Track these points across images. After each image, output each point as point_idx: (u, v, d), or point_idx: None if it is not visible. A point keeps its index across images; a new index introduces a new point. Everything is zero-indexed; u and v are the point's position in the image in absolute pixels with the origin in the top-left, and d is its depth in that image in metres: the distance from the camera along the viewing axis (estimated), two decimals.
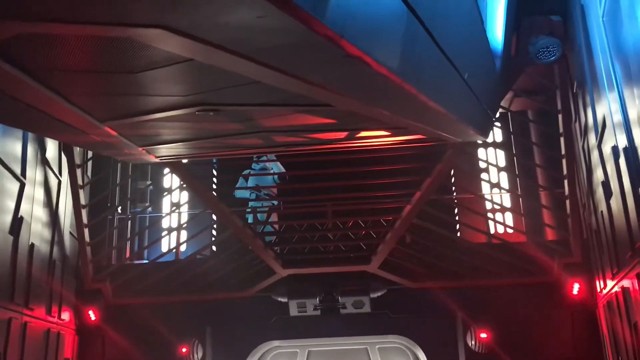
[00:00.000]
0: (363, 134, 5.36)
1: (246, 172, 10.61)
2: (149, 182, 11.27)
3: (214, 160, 11.28)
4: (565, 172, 8.54)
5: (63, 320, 8.65)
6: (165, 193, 11.48)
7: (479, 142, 9.58)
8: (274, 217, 10.62)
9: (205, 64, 3.04)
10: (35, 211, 7.50)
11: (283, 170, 10.56)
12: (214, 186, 11.16)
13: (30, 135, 7.31)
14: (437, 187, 8.51)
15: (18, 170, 6.90)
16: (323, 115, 4.41)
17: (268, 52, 2.76)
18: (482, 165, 11.38)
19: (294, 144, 5.65)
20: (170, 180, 11.79)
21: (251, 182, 10.61)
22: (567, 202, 8.59)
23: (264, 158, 10.53)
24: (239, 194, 10.62)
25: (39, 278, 7.52)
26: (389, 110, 3.77)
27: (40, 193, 7.76)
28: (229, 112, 4.06)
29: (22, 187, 6.99)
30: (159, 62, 3.18)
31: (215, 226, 10.74)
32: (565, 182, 8.56)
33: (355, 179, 8.94)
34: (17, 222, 6.82)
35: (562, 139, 8.60)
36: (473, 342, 9.06)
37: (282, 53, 2.77)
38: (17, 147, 6.98)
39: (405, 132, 5.28)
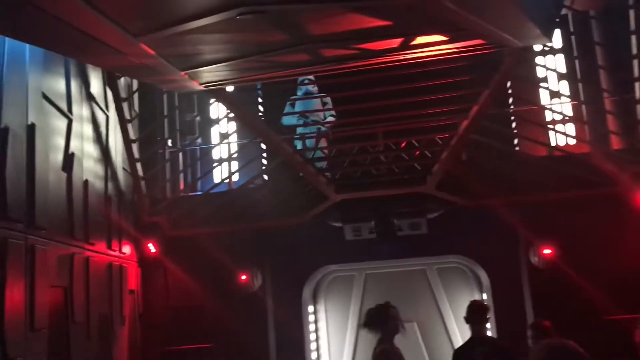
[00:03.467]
0: (418, 40, 4.93)
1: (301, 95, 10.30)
2: (195, 114, 11.13)
3: (258, 87, 11.04)
4: (637, 73, 7.86)
5: (124, 253, 8.82)
6: (214, 124, 11.34)
7: (536, 48, 8.92)
8: (322, 143, 10.38)
9: None
10: (85, 147, 7.48)
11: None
12: (260, 114, 10.97)
13: (72, 70, 7.18)
14: (495, 99, 8.01)
15: (64, 107, 6.82)
16: (378, 15, 4.01)
17: None
18: (540, 74, 10.70)
19: (343, 58, 5.29)
20: (217, 110, 11.63)
21: (297, 107, 10.33)
22: (638, 106, 7.96)
23: (306, 81, 10.18)
24: (286, 120, 10.39)
25: (97, 213, 7.58)
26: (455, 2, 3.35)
27: (88, 129, 7.72)
28: (272, 16, 3.73)
29: (69, 123, 6.93)
30: None
31: (264, 155, 10.63)
32: (637, 84, 7.90)
33: (405, 97, 8.51)
34: (69, 158, 6.81)
35: (633, 37, 7.85)
36: (536, 259, 8.79)
37: None
38: (61, 84, 6.87)
39: (464, 36, 4.84)
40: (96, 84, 8.12)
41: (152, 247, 9.45)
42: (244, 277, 9.41)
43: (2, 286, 4.96)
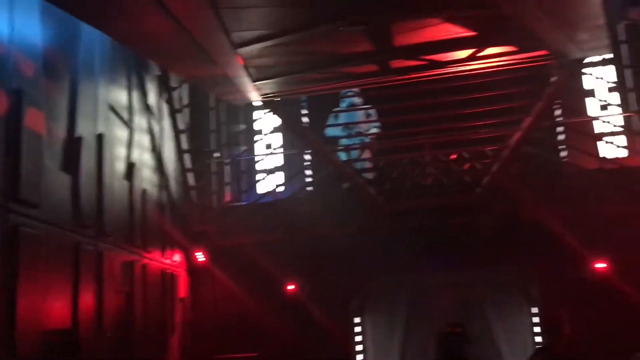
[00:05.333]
0: (488, 51, 4.98)
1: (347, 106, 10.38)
2: (242, 126, 11.28)
3: (303, 99, 11.15)
4: None
5: (175, 261, 8.97)
6: (260, 136, 11.46)
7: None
8: (367, 154, 10.43)
9: None
10: (144, 157, 7.67)
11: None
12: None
13: (134, 83, 7.39)
14: (549, 111, 7.98)
15: (127, 118, 7.01)
16: (466, 25, 4.07)
17: None
18: (587, 85, 10.57)
19: (410, 69, 5.35)
20: (262, 122, 11.75)
21: (341, 120, 10.42)
22: None
23: (350, 93, 10.25)
24: (330, 132, 10.46)
25: (152, 222, 7.75)
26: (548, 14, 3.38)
27: (146, 139, 7.91)
28: (370, 28, 3.81)
29: (131, 133, 7.12)
30: None
31: (308, 165, 10.72)
32: None
33: (456, 109, 8.50)
34: (130, 167, 6.99)
35: None
36: (589, 273, 8.65)
37: None
38: (124, 95, 7.08)
39: (533, 47, 4.86)
40: (152, 97, 8.32)
41: (201, 256, 9.59)
42: (291, 286, 9.45)
43: (76, 290, 5.10)
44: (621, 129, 9.79)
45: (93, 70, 5.97)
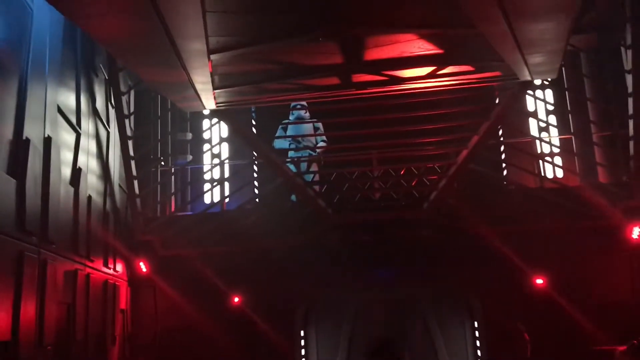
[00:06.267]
0: (447, 70, 5.11)
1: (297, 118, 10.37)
2: (189, 135, 11.07)
3: (252, 109, 11.08)
4: (631, 111, 8.20)
5: (117, 272, 8.67)
6: (208, 145, 11.27)
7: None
8: (314, 167, 10.46)
9: None
10: (90, 162, 7.40)
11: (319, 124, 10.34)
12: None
13: (82, 85, 7.13)
14: (495, 130, 8.26)
15: (74, 121, 6.75)
16: (437, 42, 4.16)
17: None
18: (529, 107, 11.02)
19: (369, 83, 5.42)
20: (210, 132, 11.58)
21: (289, 132, 10.41)
22: (631, 142, 8.28)
23: (298, 106, 10.27)
24: (278, 143, 10.43)
25: (96, 230, 7.47)
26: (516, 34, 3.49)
27: (93, 144, 7.64)
28: (344, 41, 3.83)
29: (78, 137, 6.86)
30: None
31: (256, 176, 10.65)
32: (631, 122, 8.23)
33: (405, 125, 8.67)
34: (77, 173, 6.72)
35: (629, 76, 8.21)
36: (528, 288, 8.96)
37: None
38: (72, 98, 6.82)
39: (487, 68, 5.03)
40: (100, 100, 8.06)
41: (143, 266, 9.31)
42: (236, 299, 9.33)
43: (17, 301, 4.83)
44: (558, 150, 10.25)
45: (43, 69, 5.72)
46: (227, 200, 10.59)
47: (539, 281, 8.79)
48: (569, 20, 3.69)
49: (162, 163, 10.81)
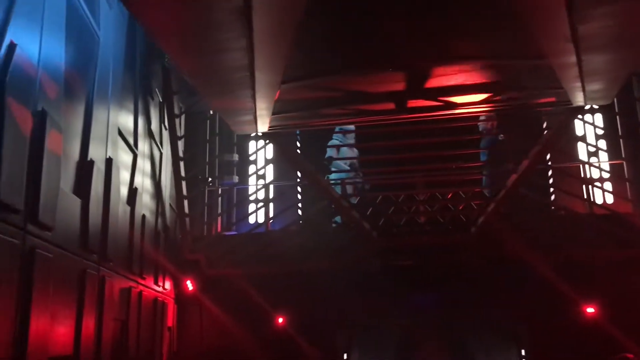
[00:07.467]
0: (503, 95, 5.14)
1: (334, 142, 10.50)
2: (236, 156, 11.26)
3: (297, 132, 11.23)
4: None
5: (166, 289, 8.83)
6: (254, 167, 11.43)
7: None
8: (352, 189, 10.53)
9: None
10: (144, 182, 7.61)
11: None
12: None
13: (140, 108, 7.38)
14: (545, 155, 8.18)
15: (132, 142, 6.98)
16: (499, 71, 4.20)
17: None
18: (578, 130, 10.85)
19: (424, 109, 5.47)
20: (256, 153, 11.74)
21: (329, 154, 10.55)
22: None
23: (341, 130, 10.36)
24: (335, 165, 10.57)
25: (148, 248, 7.65)
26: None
27: (147, 165, 7.87)
28: (415, 70, 3.91)
29: (135, 158, 7.08)
30: None
31: (300, 197, 10.78)
32: None
33: (453, 149, 8.67)
34: (133, 193, 6.92)
35: None
36: (579, 318, 8.76)
37: None
38: (130, 120, 7.05)
39: (544, 95, 5.04)
40: (155, 122, 8.31)
41: (189, 285, 9.46)
42: (280, 319, 9.37)
43: (79, 316, 4.99)
44: (609, 175, 10.06)
45: (107, 93, 5.95)
46: (271, 221, 10.72)
47: (590, 310, 8.57)
48: (633, 51, 3.70)
49: (210, 184, 11.02)
